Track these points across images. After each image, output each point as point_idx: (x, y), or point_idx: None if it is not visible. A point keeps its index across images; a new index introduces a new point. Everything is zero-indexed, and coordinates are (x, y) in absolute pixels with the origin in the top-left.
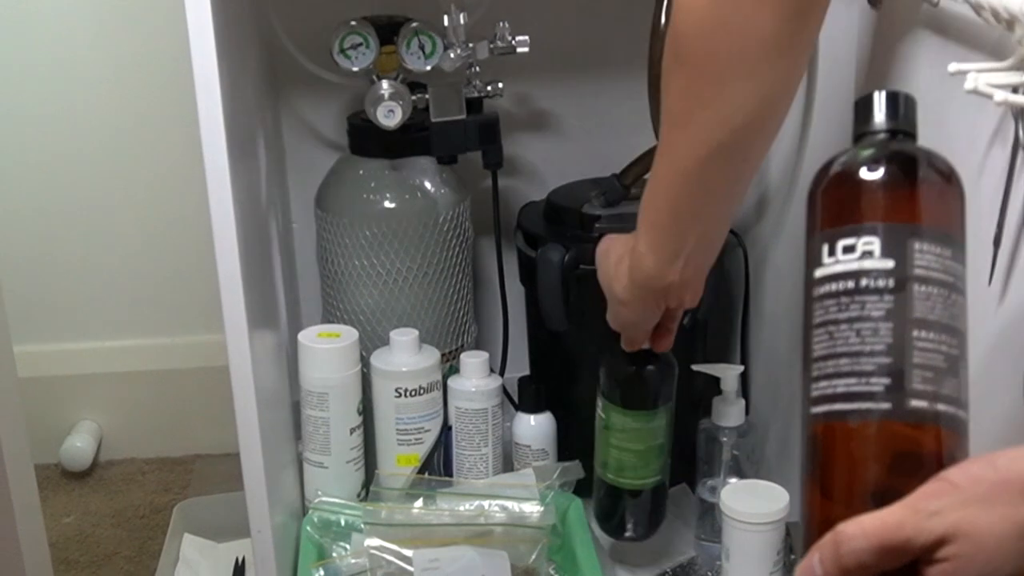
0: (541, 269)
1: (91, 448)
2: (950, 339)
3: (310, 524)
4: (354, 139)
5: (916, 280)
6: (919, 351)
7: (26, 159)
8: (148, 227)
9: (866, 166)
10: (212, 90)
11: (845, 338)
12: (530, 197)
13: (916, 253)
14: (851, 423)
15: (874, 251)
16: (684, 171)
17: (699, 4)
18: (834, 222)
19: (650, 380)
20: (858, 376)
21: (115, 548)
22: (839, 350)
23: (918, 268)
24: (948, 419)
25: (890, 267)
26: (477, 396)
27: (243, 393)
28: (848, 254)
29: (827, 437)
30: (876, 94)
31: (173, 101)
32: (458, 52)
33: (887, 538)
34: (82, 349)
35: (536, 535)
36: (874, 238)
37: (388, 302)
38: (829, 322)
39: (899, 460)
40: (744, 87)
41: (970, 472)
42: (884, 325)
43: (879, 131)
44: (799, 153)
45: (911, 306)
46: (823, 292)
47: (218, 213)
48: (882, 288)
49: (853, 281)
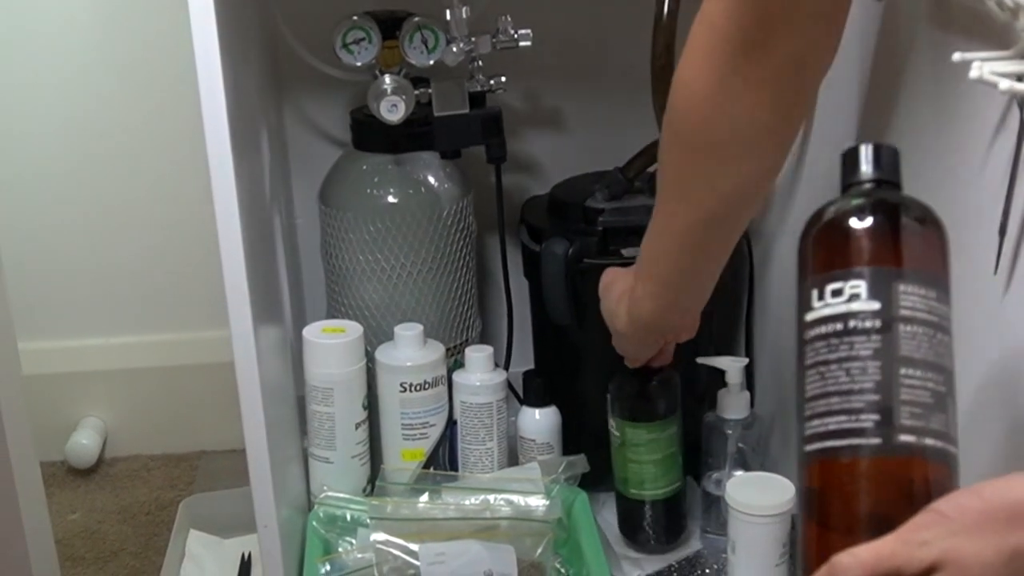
0: (545, 263)
1: (96, 445)
2: (936, 376)
3: (316, 519)
4: (357, 134)
5: (902, 320)
6: (906, 388)
7: (30, 156)
8: (152, 223)
9: (852, 215)
10: (215, 86)
11: (835, 378)
12: (533, 192)
13: (901, 295)
14: (843, 459)
15: (861, 294)
16: (681, 235)
17: (698, 89)
18: (823, 268)
19: (659, 392)
20: (848, 414)
21: (121, 544)
22: (830, 389)
23: (903, 309)
24: (936, 453)
25: (876, 308)
26: (482, 390)
27: (248, 389)
28: (836, 297)
29: (822, 473)
30: (863, 147)
31: (176, 98)
32: (461, 46)
33: (879, 568)
34: (87, 346)
35: (542, 529)
36: (861, 282)
37: (392, 297)
38: (820, 363)
39: (890, 493)
40: (739, 167)
41: (958, 503)
42: (872, 364)
43: (865, 181)
44: (803, 148)
45: (897, 345)
46: (814, 335)
47: (222, 209)
48: (869, 329)
49: (842, 323)
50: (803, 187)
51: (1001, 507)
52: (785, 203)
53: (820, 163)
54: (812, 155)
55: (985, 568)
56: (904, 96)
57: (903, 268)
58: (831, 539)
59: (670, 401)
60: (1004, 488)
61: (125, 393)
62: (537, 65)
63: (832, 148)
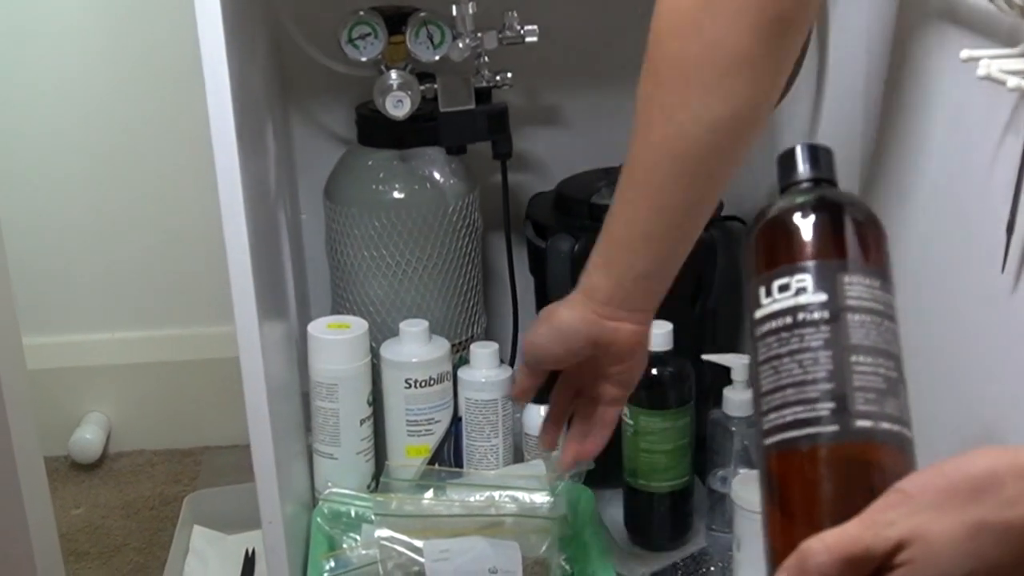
0: (551, 259)
1: (100, 440)
2: (887, 362)
3: (320, 515)
4: (363, 130)
5: (849, 310)
6: (859, 375)
7: (35, 152)
8: (157, 219)
9: (793, 212)
10: (221, 82)
11: (789, 370)
12: (538, 188)
13: (846, 286)
14: (802, 448)
15: (807, 287)
16: (638, 183)
17: (679, 7)
18: (768, 266)
19: (674, 380)
20: (804, 404)
21: (125, 540)
22: (784, 382)
23: (850, 299)
24: (892, 436)
25: (824, 300)
26: (487, 387)
27: (253, 384)
28: (783, 292)
29: (782, 464)
30: (798, 147)
31: (181, 95)
32: (467, 42)
33: (848, 551)
34: (91, 341)
35: (547, 526)
36: (806, 275)
37: (397, 293)
38: (772, 357)
39: (851, 478)
40: (707, 99)
41: (920, 481)
42: (824, 354)
43: (803, 180)
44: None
45: (847, 334)
46: (764, 331)
47: (227, 205)
48: (818, 320)
49: (791, 317)
50: None
51: (963, 482)
52: None
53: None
54: None
55: (951, 543)
56: (912, 94)
57: (846, 260)
58: (796, 528)
59: (685, 391)
60: (965, 463)
61: (129, 388)
62: (543, 61)
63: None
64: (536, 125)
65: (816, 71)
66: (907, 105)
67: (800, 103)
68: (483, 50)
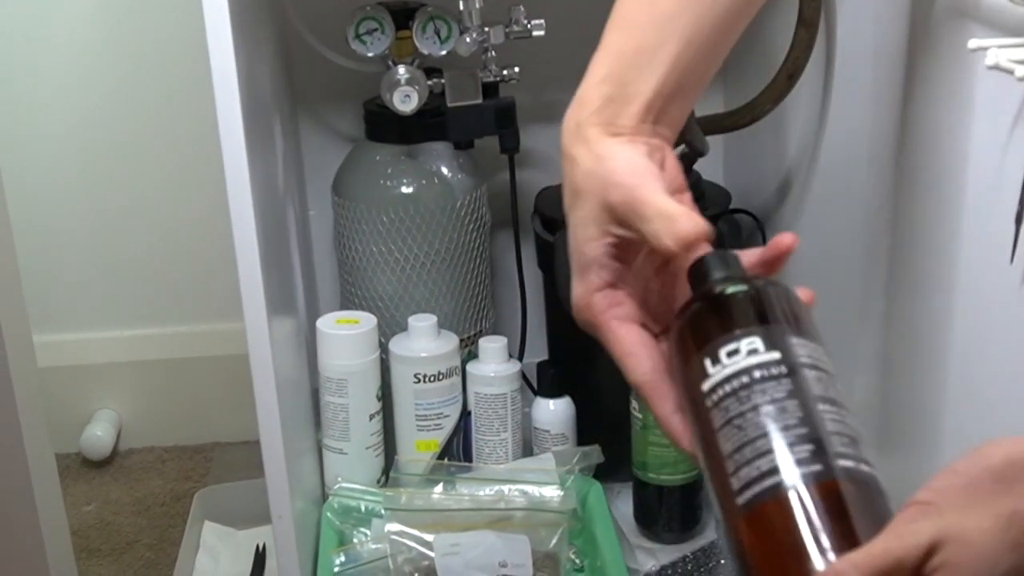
0: (559, 253)
1: (111, 437)
2: (850, 415)
3: (330, 510)
4: (370, 125)
5: (804, 367)
6: (830, 421)
7: (43, 149)
8: (166, 216)
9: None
10: (229, 79)
11: (755, 423)
12: (546, 182)
13: (796, 346)
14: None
15: (759, 348)
16: None
17: None
18: (709, 339)
19: None
20: (779, 450)
21: (136, 536)
22: (752, 435)
23: (801, 358)
24: (873, 479)
25: (778, 357)
26: (496, 381)
27: (263, 380)
28: (734, 356)
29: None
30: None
31: (190, 92)
32: (474, 36)
33: (878, 566)
34: (101, 338)
35: (557, 519)
36: (756, 338)
37: (406, 288)
38: (733, 418)
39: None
40: None
41: (937, 486)
42: (791, 403)
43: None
44: (818, 135)
45: (808, 386)
46: (717, 398)
47: (236, 201)
48: (777, 374)
49: (747, 376)
50: (818, 179)
51: (983, 475)
52: (801, 196)
53: (835, 154)
54: (827, 148)
55: (986, 535)
56: (921, 85)
57: (789, 326)
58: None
59: None
60: (980, 458)
61: (140, 385)
62: (550, 55)
63: (848, 138)
64: (543, 119)
65: (824, 63)
66: (915, 97)
67: (808, 97)
68: (490, 45)
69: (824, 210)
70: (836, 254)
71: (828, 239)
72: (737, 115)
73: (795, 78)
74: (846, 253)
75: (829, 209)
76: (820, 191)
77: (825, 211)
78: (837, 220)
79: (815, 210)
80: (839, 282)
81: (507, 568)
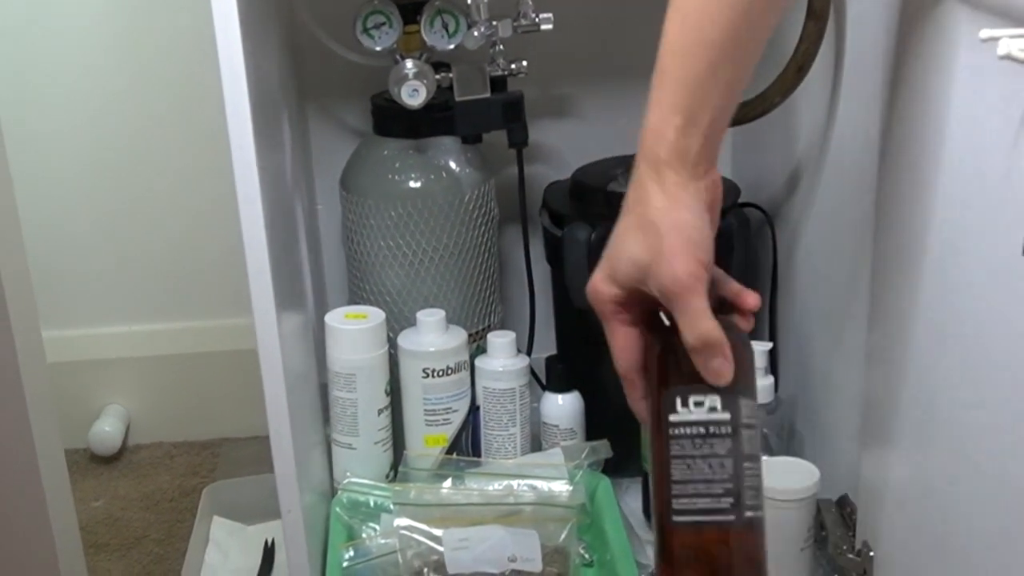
0: (567, 248)
1: (119, 432)
2: (758, 465)
3: (339, 505)
4: (378, 119)
5: (743, 427)
6: (748, 477)
7: (53, 147)
8: (175, 211)
9: None
10: (237, 74)
11: (700, 469)
12: (554, 177)
13: (742, 407)
14: (707, 531)
15: (717, 407)
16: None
17: None
18: (684, 381)
19: None
20: (712, 497)
21: (144, 531)
22: (696, 477)
23: (744, 418)
24: (761, 522)
25: (728, 418)
26: (504, 376)
27: (272, 375)
28: (698, 407)
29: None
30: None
31: (198, 88)
32: (481, 30)
33: None
34: (110, 334)
35: (565, 514)
36: (716, 397)
37: (414, 282)
38: (686, 456)
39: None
40: None
41: None
42: (727, 460)
43: None
44: (828, 128)
45: (742, 446)
46: (679, 432)
47: (244, 197)
48: (723, 434)
49: (704, 428)
50: (828, 172)
51: None
52: (810, 189)
53: (845, 149)
54: (837, 141)
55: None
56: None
57: (740, 385)
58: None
59: None
60: None
61: (148, 381)
62: (558, 49)
63: (857, 131)
64: (551, 113)
65: (834, 56)
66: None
67: (817, 89)
68: (498, 38)
69: (834, 203)
70: (846, 247)
71: (838, 232)
72: (746, 108)
73: (805, 71)
74: (856, 246)
75: (839, 202)
76: (830, 184)
77: (835, 204)
78: (847, 213)
79: (824, 203)
80: (849, 275)
81: (516, 562)
